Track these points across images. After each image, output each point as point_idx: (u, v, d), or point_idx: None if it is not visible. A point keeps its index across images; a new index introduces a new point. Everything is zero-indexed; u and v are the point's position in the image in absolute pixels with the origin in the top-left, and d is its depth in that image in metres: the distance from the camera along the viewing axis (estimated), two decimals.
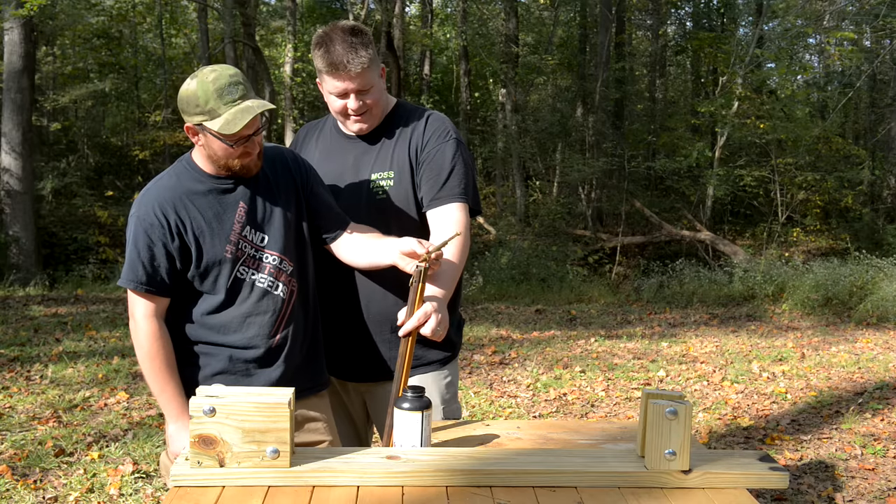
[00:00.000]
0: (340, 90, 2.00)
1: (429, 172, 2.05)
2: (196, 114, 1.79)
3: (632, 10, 18.96)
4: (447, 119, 2.16)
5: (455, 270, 1.96)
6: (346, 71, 1.95)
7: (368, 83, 1.99)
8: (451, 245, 1.95)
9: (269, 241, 1.94)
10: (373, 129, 2.10)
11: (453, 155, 2.06)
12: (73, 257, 12.41)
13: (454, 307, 2.23)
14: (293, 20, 15.68)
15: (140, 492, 3.37)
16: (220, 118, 1.77)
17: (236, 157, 1.84)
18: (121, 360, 5.81)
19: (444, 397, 2.16)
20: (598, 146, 15.08)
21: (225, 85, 1.77)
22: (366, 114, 2.04)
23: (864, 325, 8.19)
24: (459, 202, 2.03)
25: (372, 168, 2.09)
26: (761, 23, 15.06)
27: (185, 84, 1.82)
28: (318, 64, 2.00)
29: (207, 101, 1.77)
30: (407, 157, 2.07)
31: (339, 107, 2.04)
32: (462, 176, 2.05)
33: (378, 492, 1.43)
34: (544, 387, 5.42)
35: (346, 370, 2.19)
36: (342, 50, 1.94)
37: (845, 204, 15.12)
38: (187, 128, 1.84)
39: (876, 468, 3.80)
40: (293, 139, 2.32)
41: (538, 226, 14.09)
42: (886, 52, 15.22)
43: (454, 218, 2.01)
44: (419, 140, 2.08)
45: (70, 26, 15.93)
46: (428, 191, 2.05)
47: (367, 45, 1.97)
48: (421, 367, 2.13)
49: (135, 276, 1.86)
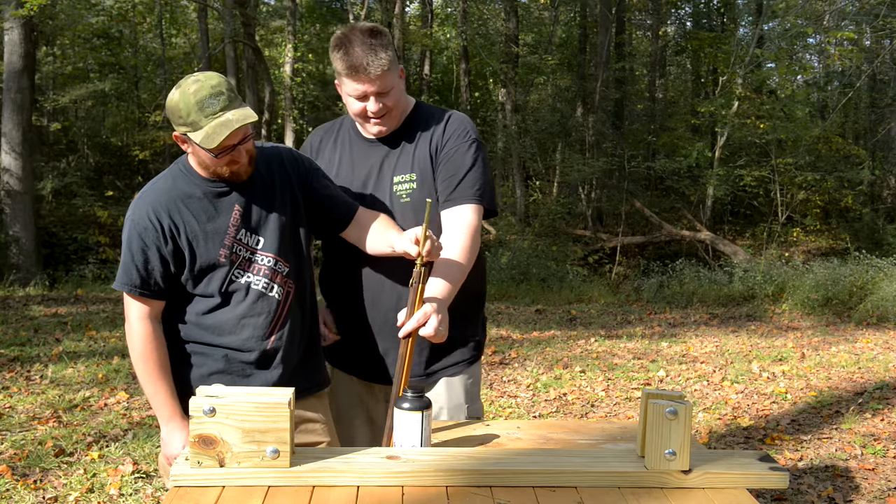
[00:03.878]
0: (360, 92, 1.97)
1: (444, 173, 2.04)
2: (180, 125, 1.79)
3: (632, 10, 18.96)
4: (468, 119, 2.13)
5: (459, 271, 1.94)
6: (365, 73, 1.92)
7: (388, 85, 1.97)
8: (456, 245, 1.95)
9: (264, 243, 1.93)
10: (392, 131, 2.08)
11: (471, 156, 2.04)
12: (73, 257, 12.41)
13: (478, 307, 2.23)
14: (293, 20, 15.68)
15: (140, 492, 3.37)
16: (201, 131, 1.76)
17: (224, 166, 1.84)
18: (121, 360, 5.80)
19: (469, 398, 2.16)
20: (598, 146, 15.08)
21: (206, 97, 1.75)
22: (385, 116, 2.02)
23: (864, 325, 8.19)
24: (472, 203, 2.02)
25: (394, 171, 2.08)
26: (761, 23, 15.07)
27: (170, 93, 1.81)
28: (336, 66, 1.98)
29: (189, 113, 1.76)
30: (428, 158, 2.06)
31: (359, 109, 2.01)
32: (477, 177, 2.03)
33: (378, 492, 1.43)
34: (544, 387, 5.42)
35: (372, 372, 2.17)
36: (362, 52, 1.92)
37: (845, 204, 15.13)
38: (175, 136, 1.84)
39: (876, 468, 3.80)
40: (306, 144, 2.27)
41: (538, 226, 14.10)
42: (886, 52, 15.21)
43: (464, 220, 2.00)
44: (439, 140, 2.06)
45: (70, 26, 15.93)
46: (443, 191, 2.04)
47: (386, 46, 1.94)
48: (449, 367, 2.13)
49: (129, 280, 1.86)
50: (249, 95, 14.47)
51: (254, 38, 14.20)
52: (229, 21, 13.91)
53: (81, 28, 16.20)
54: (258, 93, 14.96)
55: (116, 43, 17.04)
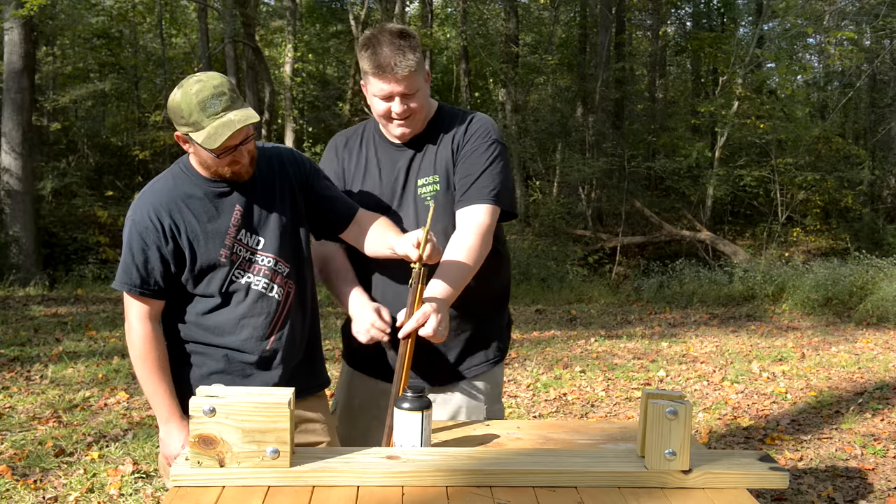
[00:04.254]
0: (386, 93, 1.96)
1: (461, 172, 2.04)
2: (182, 125, 1.79)
3: (632, 10, 18.96)
4: (490, 121, 2.12)
5: (463, 271, 1.93)
6: (392, 73, 1.92)
7: (414, 87, 1.96)
8: (462, 246, 1.94)
9: (264, 243, 1.93)
10: (416, 134, 2.07)
11: (488, 156, 2.03)
12: (73, 257, 12.40)
13: (500, 308, 2.23)
14: (293, 20, 15.69)
15: (140, 492, 3.37)
16: (203, 132, 1.77)
17: (225, 166, 1.84)
18: (121, 360, 5.80)
19: (491, 399, 2.17)
20: (598, 146, 15.09)
21: (208, 97, 1.76)
22: (410, 118, 2.01)
23: (864, 325, 8.19)
24: (485, 204, 2.00)
25: (418, 174, 2.07)
26: (761, 23, 15.08)
27: (172, 93, 1.81)
28: (364, 65, 1.97)
29: (191, 113, 1.76)
30: (450, 159, 2.06)
31: (384, 110, 2.00)
32: (493, 177, 2.02)
33: (378, 492, 1.43)
34: (544, 387, 5.42)
35: (389, 372, 2.16)
36: (390, 52, 1.91)
37: (845, 204, 15.13)
38: (177, 136, 1.84)
39: (876, 468, 3.80)
40: (330, 148, 2.24)
41: (538, 226, 14.10)
42: (886, 52, 15.21)
43: (475, 220, 1.99)
44: (460, 140, 2.06)
45: (70, 26, 15.94)
46: (458, 191, 2.04)
47: (414, 48, 1.94)
48: (474, 367, 2.13)
49: (129, 280, 1.86)
50: (249, 95, 14.48)
51: (254, 38, 14.21)
52: (229, 21, 13.93)
53: (81, 28, 16.21)
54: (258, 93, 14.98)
55: (116, 43, 17.04)
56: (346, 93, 17.60)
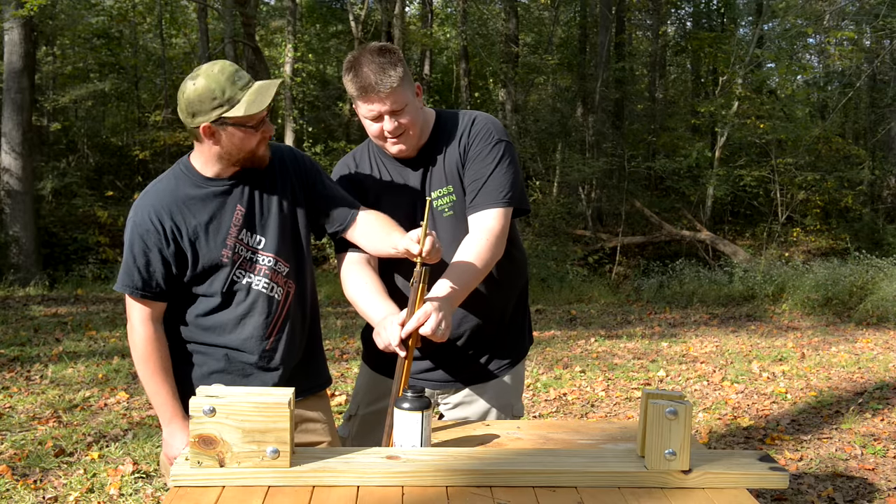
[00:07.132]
0: (374, 113, 1.95)
1: (469, 177, 2.03)
2: (214, 108, 1.78)
3: (632, 10, 18.96)
4: (492, 120, 2.11)
5: (468, 273, 1.92)
6: (375, 92, 1.91)
7: (401, 102, 1.94)
8: (470, 249, 1.94)
9: (265, 243, 1.93)
10: (416, 149, 2.05)
11: (494, 158, 2.02)
12: (73, 257, 12.41)
13: (519, 308, 2.24)
14: (293, 20, 15.67)
15: (140, 492, 3.37)
16: (242, 102, 1.78)
17: (259, 142, 1.85)
18: (121, 360, 5.81)
19: (512, 398, 2.18)
20: (598, 146, 15.08)
21: (233, 72, 1.79)
22: (403, 135, 1.99)
23: (864, 325, 8.19)
24: (494, 208, 2.00)
25: (430, 187, 2.06)
26: (761, 23, 15.07)
27: (188, 86, 1.78)
28: (349, 90, 1.97)
29: (224, 90, 1.77)
30: (460, 166, 2.05)
31: (376, 130, 1.99)
32: (501, 179, 2.01)
33: (378, 492, 1.43)
34: (544, 387, 5.42)
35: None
36: (370, 71, 1.91)
37: (845, 204, 15.13)
38: (204, 129, 1.80)
39: (876, 468, 3.80)
40: (340, 169, 2.19)
41: (538, 226, 14.09)
42: (886, 52, 15.22)
43: (484, 225, 1.99)
44: (466, 144, 2.05)
45: (70, 26, 15.93)
46: (468, 196, 2.03)
47: (395, 64, 1.92)
48: (499, 369, 2.15)
49: (131, 282, 1.86)
50: None
51: (254, 37, 14.20)
52: (229, 21, 13.92)
53: (81, 28, 16.20)
54: None
55: (116, 43, 17.03)
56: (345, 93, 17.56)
